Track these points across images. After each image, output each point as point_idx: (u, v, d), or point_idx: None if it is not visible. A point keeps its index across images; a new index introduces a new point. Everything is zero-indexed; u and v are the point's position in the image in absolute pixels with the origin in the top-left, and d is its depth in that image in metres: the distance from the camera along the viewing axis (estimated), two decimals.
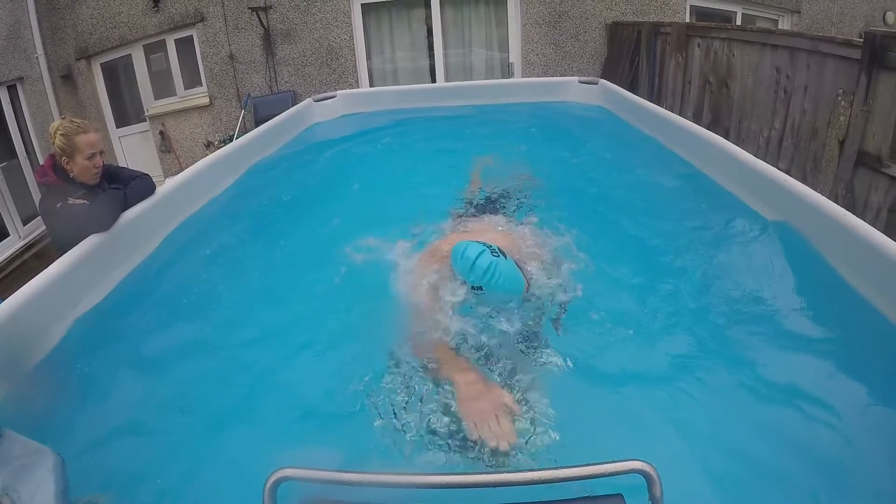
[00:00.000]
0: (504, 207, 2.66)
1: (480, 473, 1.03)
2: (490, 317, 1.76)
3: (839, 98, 3.45)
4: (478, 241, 1.74)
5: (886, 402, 1.49)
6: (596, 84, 4.76)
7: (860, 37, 3.38)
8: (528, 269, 1.90)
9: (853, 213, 2.03)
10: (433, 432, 1.46)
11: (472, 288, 1.71)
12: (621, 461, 0.98)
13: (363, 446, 1.45)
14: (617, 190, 2.96)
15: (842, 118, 3.43)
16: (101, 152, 2.49)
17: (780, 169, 2.53)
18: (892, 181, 3.13)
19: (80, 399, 1.74)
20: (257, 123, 5.71)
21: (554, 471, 0.99)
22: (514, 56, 7.58)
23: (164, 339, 1.99)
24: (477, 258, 1.67)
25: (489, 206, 2.68)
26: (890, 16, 7.86)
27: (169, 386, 1.77)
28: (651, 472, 0.98)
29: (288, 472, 1.01)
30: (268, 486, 1.00)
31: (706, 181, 2.88)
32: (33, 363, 1.87)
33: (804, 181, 2.51)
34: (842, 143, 3.46)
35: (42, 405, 1.73)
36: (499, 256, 1.69)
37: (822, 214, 2.11)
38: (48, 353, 1.93)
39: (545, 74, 7.39)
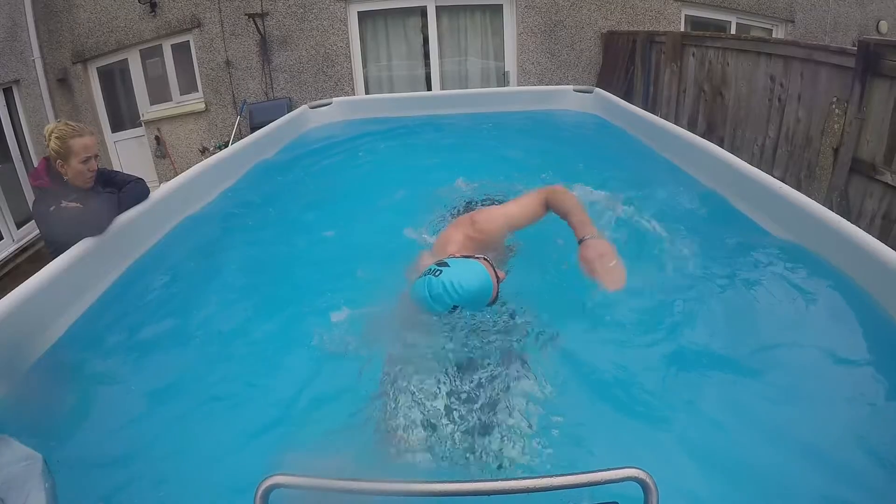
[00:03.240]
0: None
1: (475, 481, 1.02)
2: (479, 326, 1.75)
3: (833, 106, 3.47)
4: (421, 275, 1.69)
5: (887, 406, 1.49)
6: (591, 93, 4.77)
7: (854, 45, 3.41)
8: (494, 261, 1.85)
9: (848, 221, 2.04)
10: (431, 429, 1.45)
11: (450, 312, 1.68)
12: (617, 469, 0.98)
13: (356, 453, 1.44)
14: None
15: (836, 126, 3.46)
16: (96, 156, 2.48)
17: (774, 177, 2.54)
18: (887, 188, 3.14)
19: (71, 404, 1.73)
20: (253, 130, 5.72)
21: (549, 479, 0.99)
22: (510, 65, 7.61)
23: (155, 343, 1.98)
24: (430, 291, 1.63)
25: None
26: (883, 24, 7.94)
27: (160, 391, 1.75)
28: (647, 480, 0.97)
29: (280, 478, 1.00)
30: (259, 493, 0.99)
31: (700, 188, 2.88)
32: (24, 367, 1.85)
33: (798, 189, 2.51)
34: (836, 151, 3.48)
35: (33, 409, 1.71)
36: (443, 268, 1.65)
37: (818, 221, 2.12)
38: (40, 356, 1.91)
39: (540, 83, 7.43)
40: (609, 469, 0.98)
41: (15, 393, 1.74)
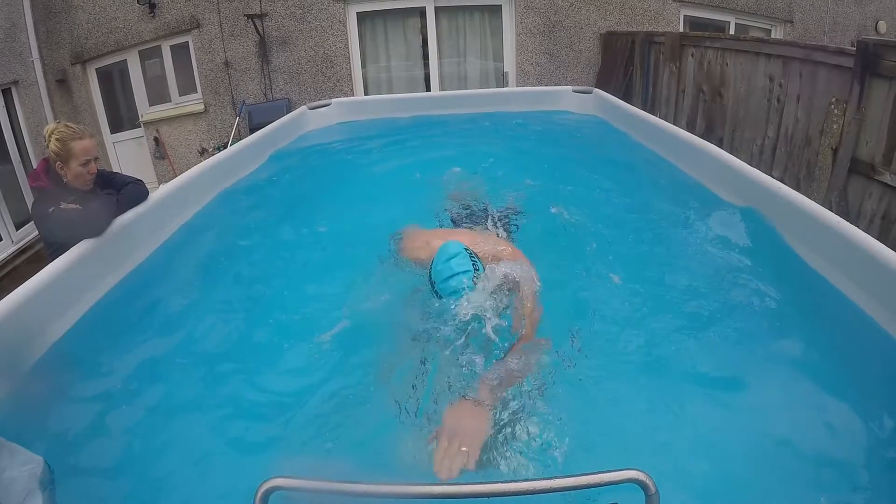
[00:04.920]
0: (497, 220, 2.64)
1: (474, 483, 1.01)
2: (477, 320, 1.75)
3: (832, 106, 3.47)
4: (471, 257, 1.65)
5: (881, 408, 1.49)
6: (590, 93, 4.78)
7: (853, 45, 3.40)
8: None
9: (847, 221, 2.04)
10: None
11: (432, 287, 1.67)
12: (617, 470, 0.97)
13: (356, 455, 1.44)
14: (610, 199, 2.96)
15: (835, 126, 3.46)
16: (96, 158, 2.48)
17: (773, 177, 2.54)
18: (886, 188, 3.14)
19: (70, 406, 1.72)
20: (252, 131, 5.71)
21: (549, 481, 0.98)
22: (509, 65, 7.61)
23: (154, 345, 1.98)
24: (456, 275, 1.61)
25: (483, 217, 2.64)
26: (882, 24, 7.94)
27: (159, 393, 1.75)
28: (647, 482, 0.97)
29: (279, 481, 0.99)
30: (258, 495, 0.99)
31: (699, 189, 2.89)
32: (23, 369, 1.84)
33: (798, 189, 2.52)
34: (835, 151, 3.48)
35: (31, 412, 1.71)
36: (475, 288, 1.62)
37: (817, 221, 2.12)
38: (38, 358, 1.91)
39: (539, 83, 7.42)
40: (609, 471, 0.98)
41: (13, 394, 1.74)
